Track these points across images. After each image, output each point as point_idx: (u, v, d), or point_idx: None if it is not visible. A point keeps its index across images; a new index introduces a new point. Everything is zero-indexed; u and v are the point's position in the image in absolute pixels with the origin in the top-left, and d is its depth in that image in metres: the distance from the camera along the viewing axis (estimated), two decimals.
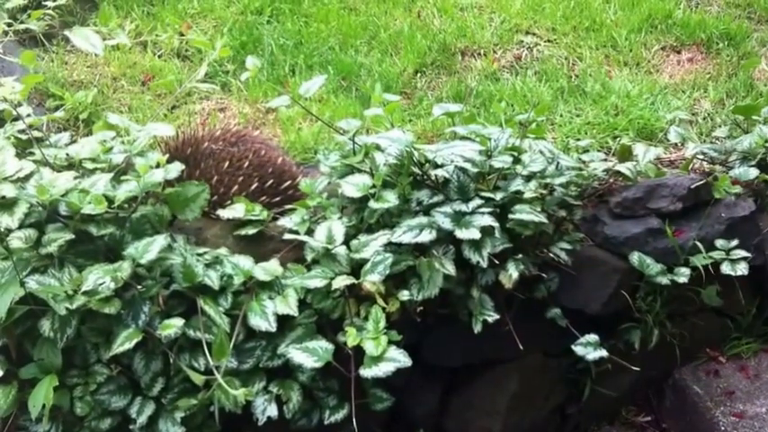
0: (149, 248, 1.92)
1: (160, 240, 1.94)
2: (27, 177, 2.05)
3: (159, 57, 3.03)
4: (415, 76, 3.13)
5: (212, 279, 1.98)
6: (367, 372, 1.88)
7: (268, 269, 2.04)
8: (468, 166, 2.17)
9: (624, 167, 2.49)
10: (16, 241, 1.90)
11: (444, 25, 3.42)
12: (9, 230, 1.91)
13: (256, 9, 3.35)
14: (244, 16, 3.30)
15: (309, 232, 2.12)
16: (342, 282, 1.98)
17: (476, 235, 2.03)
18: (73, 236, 1.94)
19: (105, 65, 2.92)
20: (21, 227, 1.93)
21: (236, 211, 2.17)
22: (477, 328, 2.11)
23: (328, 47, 3.19)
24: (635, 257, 2.38)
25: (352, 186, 2.13)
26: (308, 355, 1.93)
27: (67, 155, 2.19)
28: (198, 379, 1.90)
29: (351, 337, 1.94)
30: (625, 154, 2.62)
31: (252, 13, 3.32)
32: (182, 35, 3.14)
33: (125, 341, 1.87)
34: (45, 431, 1.90)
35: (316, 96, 2.86)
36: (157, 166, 2.07)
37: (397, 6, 3.50)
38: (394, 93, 2.82)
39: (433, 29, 3.38)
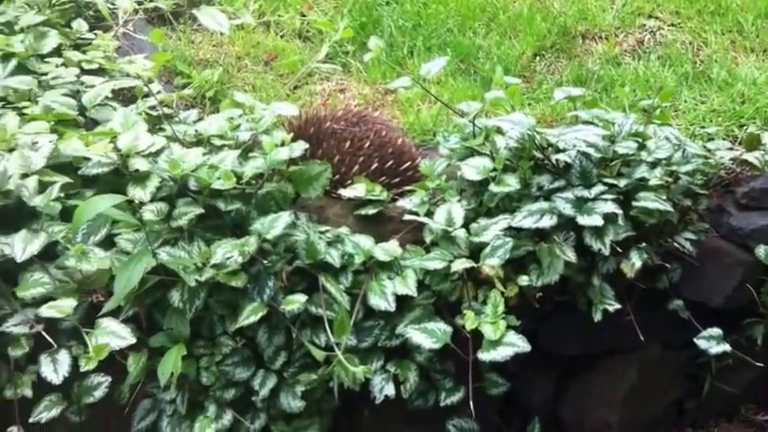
0: (275, 224, 1.97)
1: (285, 217, 1.99)
2: (158, 152, 2.12)
3: (281, 37, 3.08)
4: (534, 59, 3.08)
5: (334, 257, 2.01)
6: (485, 355, 1.88)
7: (388, 249, 2.06)
8: (591, 151, 2.13)
9: (752, 157, 2.40)
10: (148, 214, 1.98)
11: (564, 8, 3.35)
12: (142, 203, 1.99)
13: None
14: None
15: (429, 214, 2.13)
16: (461, 265, 1.98)
17: (598, 222, 2.00)
18: (202, 210, 2.00)
19: (230, 44, 2.99)
20: (152, 200, 2.01)
21: (357, 190, 2.19)
22: (597, 316, 2.08)
23: (447, 29, 3.17)
24: (761, 250, 2.29)
25: (473, 169, 2.13)
26: (426, 336, 1.95)
27: (196, 131, 2.26)
28: (319, 354, 1.94)
29: (469, 321, 1.94)
30: (753, 143, 2.52)
31: None
32: (303, 15, 3.18)
33: (250, 314, 1.92)
34: (172, 398, 1.97)
35: (434, 78, 2.85)
36: (282, 144, 2.12)
37: None
38: (513, 76, 2.78)
39: (552, 11, 3.32)
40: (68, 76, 2.39)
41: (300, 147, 2.11)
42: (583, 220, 2.00)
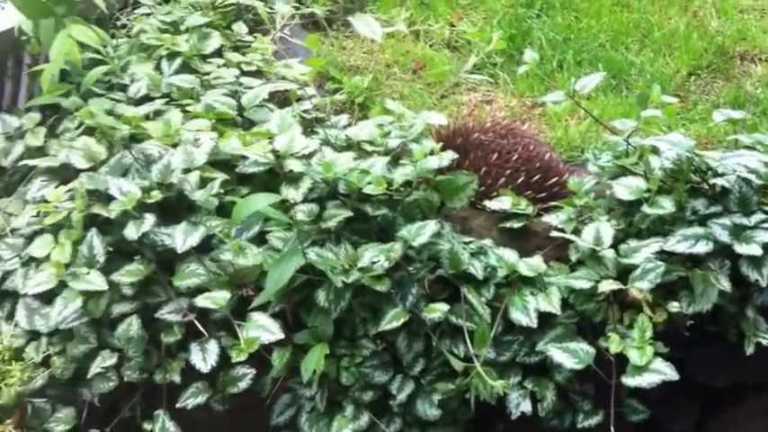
0: (421, 232, 1.98)
1: (432, 225, 2.00)
2: (310, 155, 2.18)
3: (430, 46, 3.10)
4: (688, 78, 2.99)
5: (477, 268, 2.01)
6: (630, 380, 1.83)
7: (532, 265, 2.04)
8: (752, 177, 2.04)
9: None
10: (300, 214, 2.03)
11: (722, 27, 3.24)
12: (294, 203, 2.05)
13: (526, 2, 3.34)
14: (514, 9, 3.30)
15: (575, 231, 2.09)
16: (608, 286, 1.94)
17: (757, 251, 1.91)
18: (351, 213, 2.04)
19: (380, 52, 3.04)
20: (304, 201, 2.06)
21: (503, 203, 2.17)
22: (750, 350, 1.99)
23: (598, 43, 3.12)
24: None
25: (625, 188, 2.08)
26: (568, 355, 1.91)
27: (347, 136, 2.31)
28: (458, 365, 1.94)
29: (614, 344, 1.90)
30: None
31: (522, 6, 3.31)
32: (452, 26, 3.19)
33: (392, 320, 1.94)
34: (311, 395, 2.02)
35: (583, 93, 2.80)
36: (431, 153, 2.13)
37: (672, 5, 3.35)
38: (666, 95, 2.70)
39: (709, 30, 3.21)
40: (228, 77, 2.48)
41: (449, 156, 2.12)
42: (740, 248, 1.92)
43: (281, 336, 1.88)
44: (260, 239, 2.04)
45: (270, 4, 2.93)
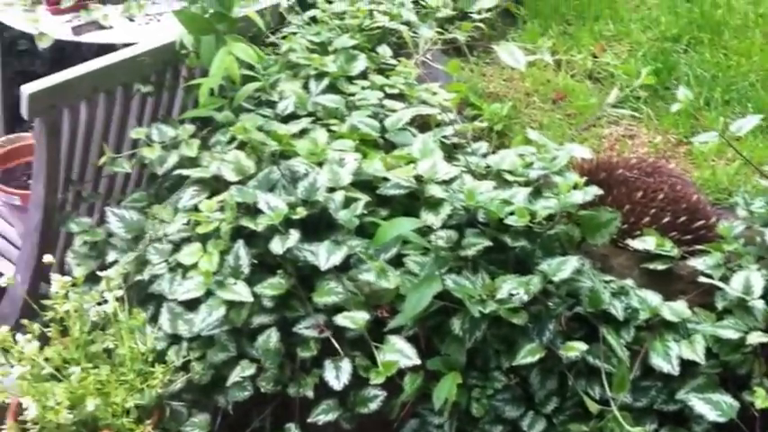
0: (563, 267, 1.95)
1: (573, 261, 1.97)
2: (450, 181, 2.18)
3: (572, 76, 3.07)
4: None
5: (617, 309, 1.96)
6: None
7: (676, 309, 1.97)
8: None
9: None
10: (438, 240, 2.04)
11: None
12: (432, 228, 2.06)
13: (673, 36, 3.25)
14: (659, 42, 3.22)
15: (723, 278, 2.01)
16: (757, 338, 1.86)
17: None
18: (489, 243, 2.03)
19: (520, 80, 3.02)
20: (443, 227, 2.07)
21: (646, 243, 2.11)
22: None
23: (748, 83, 3.01)
24: None
25: None
26: (710, 407, 1.85)
27: (487, 164, 2.30)
28: (593, 407, 1.89)
29: (759, 399, 1.82)
30: None
31: (668, 40, 3.23)
32: (595, 57, 3.14)
33: (527, 355, 1.91)
34: (440, 423, 2.01)
35: (732, 134, 2.70)
36: (575, 187, 2.10)
37: None
38: None
39: None
40: (372, 99, 2.51)
41: (594, 191, 2.08)
42: None
43: (418, 362, 1.89)
44: (395, 262, 2.06)
45: (414, 29, 2.96)
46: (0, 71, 3.61)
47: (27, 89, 2.07)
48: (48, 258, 2.07)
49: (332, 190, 2.10)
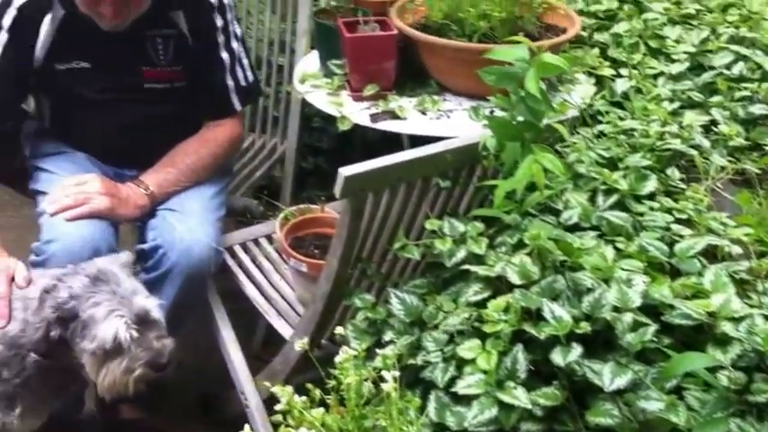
0: None
1: None
2: (740, 319, 2.10)
3: None
4: None
5: None
6: None
7: None
8: None
9: None
10: (725, 379, 1.96)
11: None
12: (719, 367, 1.98)
13: None
14: None
15: None
16: None
17: None
18: None
19: None
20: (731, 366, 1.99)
21: None
22: None
23: None
24: None
25: None
26: None
27: None
28: None
29: None
30: None
31: None
32: None
33: None
34: None
35: None
36: None
37: None
38: None
39: None
40: (660, 221, 2.49)
41: None
42: None
43: None
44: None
45: (705, 154, 2.91)
46: (296, 143, 3.97)
47: (344, 171, 2.25)
48: (339, 330, 2.21)
49: (617, 309, 2.09)
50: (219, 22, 3.16)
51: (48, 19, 2.98)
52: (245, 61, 3.27)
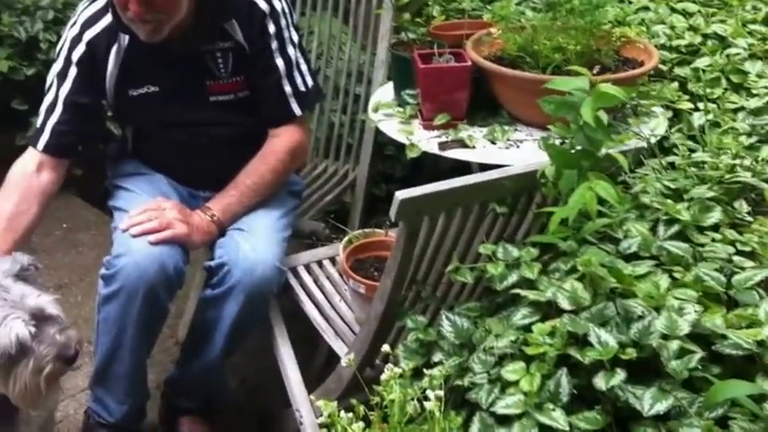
0: None
1: None
2: None
3: None
4: None
5: None
6: None
7: None
8: None
9: None
10: None
11: None
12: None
13: None
14: None
15: None
16: None
17: None
18: None
19: None
20: None
21: None
22: None
23: None
24: None
25: None
26: None
27: None
28: None
29: None
30: None
31: None
32: None
33: None
34: None
35: None
36: None
37: None
38: None
39: None
40: (722, 253, 2.45)
41: None
42: None
43: None
44: (717, 423, 1.96)
45: None
46: (367, 170, 4.05)
47: (400, 195, 2.30)
48: (385, 348, 2.25)
49: (665, 337, 2.07)
50: (272, 29, 3.16)
51: (114, 49, 3.10)
52: (304, 67, 3.26)
